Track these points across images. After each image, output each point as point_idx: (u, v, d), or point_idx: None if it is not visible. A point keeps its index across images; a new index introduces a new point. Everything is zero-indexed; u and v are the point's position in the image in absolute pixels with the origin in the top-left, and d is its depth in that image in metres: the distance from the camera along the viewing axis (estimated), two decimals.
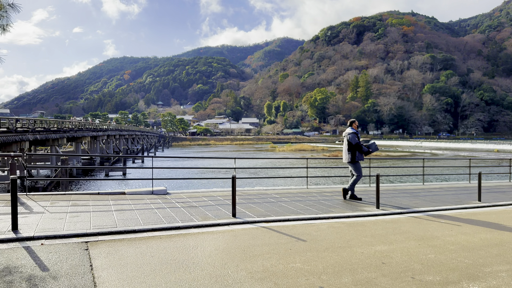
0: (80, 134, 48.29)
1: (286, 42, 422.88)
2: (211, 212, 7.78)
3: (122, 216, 7.13)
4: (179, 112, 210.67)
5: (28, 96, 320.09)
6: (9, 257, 4.85)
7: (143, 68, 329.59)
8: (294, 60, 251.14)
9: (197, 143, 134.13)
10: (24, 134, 32.05)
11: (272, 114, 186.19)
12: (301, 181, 29.45)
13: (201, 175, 37.24)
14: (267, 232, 6.46)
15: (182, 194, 9.97)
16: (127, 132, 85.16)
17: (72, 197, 8.79)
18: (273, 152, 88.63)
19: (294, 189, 11.66)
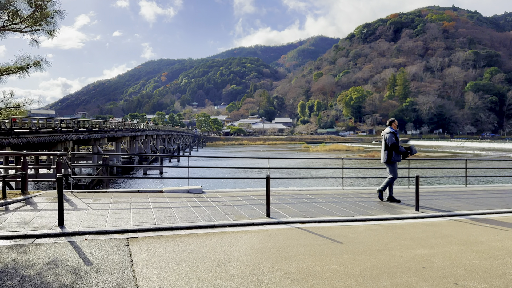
0: (120, 134, 50.14)
1: (320, 41, 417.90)
2: (245, 211, 7.83)
3: (160, 213, 7.33)
4: (213, 112, 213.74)
5: (72, 97, 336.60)
6: (56, 251, 5.12)
7: (179, 70, 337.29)
8: (328, 59, 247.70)
9: (230, 143, 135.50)
10: (68, 134, 33.74)
11: (306, 113, 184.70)
12: (336, 182, 29.00)
13: (235, 175, 37.57)
14: (302, 233, 6.41)
15: (217, 193, 10.11)
16: (163, 132, 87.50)
17: (113, 194, 9.15)
18: (307, 152, 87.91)
19: (329, 190, 11.50)
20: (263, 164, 38.10)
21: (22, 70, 8.61)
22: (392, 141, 9.34)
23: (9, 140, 24.13)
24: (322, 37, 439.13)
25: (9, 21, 7.99)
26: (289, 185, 24.58)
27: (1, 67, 8.33)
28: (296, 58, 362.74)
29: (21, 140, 25.54)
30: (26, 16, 7.92)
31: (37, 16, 7.96)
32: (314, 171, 40.25)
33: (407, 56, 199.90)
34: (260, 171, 39.40)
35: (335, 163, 45.84)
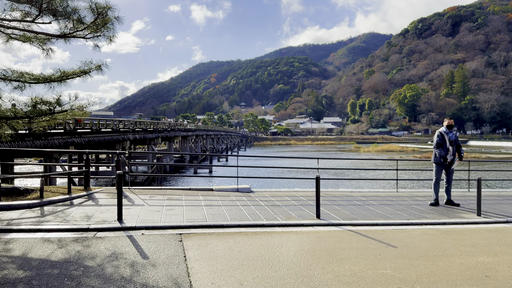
0: (172, 134, 52.11)
1: (372, 37, 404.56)
2: (294, 212, 7.79)
3: (211, 211, 7.50)
4: (261, 112, 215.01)
5: (128, 99, 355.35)
6: (116, 244, 5.42)
7: (228, 71, 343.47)
8: (381, 56, 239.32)
9: (277, 143, 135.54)
10: (125, 134, 35.67)
11: (356, 112, 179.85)
12: (388, 184, 27.95)
13: (283, 175, 37.50)
14: (354, 236, 6.25)
15: (265, 192, 10.15)
16: (213, 132, 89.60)
17: (167, 191, 9.51)
18: (357, 152, 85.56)
19: (382, 192, 11.10)
20: (311, 165, 37.63)
21: (85, 73, 9.23)
22: (437, 141, 8.91)
23: (72, 140, 26.02)
24: (373, 34, 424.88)
25: (74, 28, 8.60)
26: (339, 187, 24.07)
27: (67, 71, 8.99)
28: (346, 56, 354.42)
29: (83, 139, 27.41)
30: (89, 23, 8.47)
31: (98, 23, 8.48)
32: (365, 173, 39.07)
33: (467, 51, 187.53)
34: (309, 171, 38.91)
35: (388, 164, 44.16)
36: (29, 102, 7.95)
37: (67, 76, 9.06)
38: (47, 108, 8.03)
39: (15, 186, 7.75)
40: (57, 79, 9.00)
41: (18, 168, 37.70)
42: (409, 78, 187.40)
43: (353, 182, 28.54)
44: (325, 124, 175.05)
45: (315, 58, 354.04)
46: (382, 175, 34.39)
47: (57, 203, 7.64)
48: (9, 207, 7.06)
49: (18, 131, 8.81)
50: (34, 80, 8.68)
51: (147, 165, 43.21)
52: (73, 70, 9.13)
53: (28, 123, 8.39)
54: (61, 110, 8.39)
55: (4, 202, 7.21)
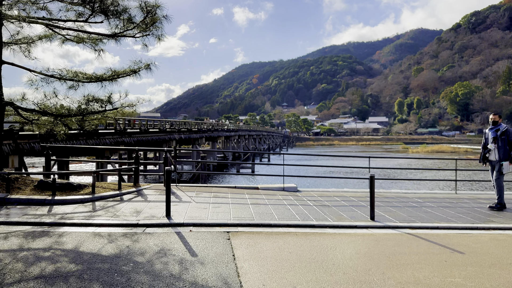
0: (216, 134, 52.86)
1: (420, 34, 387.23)
2: (345, 213, 7.38)
3: (258, 209, 7.29)
4: (303, 112, 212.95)
5: (174, 101, 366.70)
6: (164, 240, 5.35)
7: (270, 72, 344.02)
8: (430, 52, 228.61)
9: (320, 143, 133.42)
10: (172, 134, 36.59)
11: (404, 112, 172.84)
12: (447, 186, 26.28)
13: (330, 175, 36.60)
14: (414, 240, 5.75)
15: (312, 192, 9.78)
16: (255, 132, 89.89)
17: (213, 189, 9.45)
18: (406, 153, 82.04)
19: (439, 193, 10.33)
20: (360, 164, 36.35)
21: (135, 72, 9.39)
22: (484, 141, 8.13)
23: (122, 139, 27.05)
24: (421, 30, 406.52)
25: (124, 27, 8.76)
26: (391, 187, 23.03)
27: (118, 70, 9.19)
28: (393, 53, 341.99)
29: (132, 139, 28.43)
30: (138, 22, 8.58)
31: (147, 22, 8.58)
32: (419, 173, 37.23)
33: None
34: (357, 171, 37.71)
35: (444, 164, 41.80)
36: (82, 100, 8.17)
37: (117, 75, 9.27)
38: (99, 105, 8.23)
39: (69, 181, 8.03)
40: (109, 78, 9.23)
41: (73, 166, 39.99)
42: (461, 75, 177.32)
43: (406, 183, 27.22)
44: (370, 124, 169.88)
45: (360, 56, 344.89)
46: (437, 176, 32.53)
47: (107, 199, 7.80)
48: (64, 201, 7.28)
49: (71, 129, 9.13)
50: (87, 79, 8.95)
51: (192, 164, 44.26)
52: (123, 69, 9.33)
53: (81, 121, 8.66)
54: (112, 108, 8.57)
55: (59, 196, 7.45)
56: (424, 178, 25.25)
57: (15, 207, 6.93)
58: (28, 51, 9.47)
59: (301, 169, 38.17)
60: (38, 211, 6.66)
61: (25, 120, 9.03)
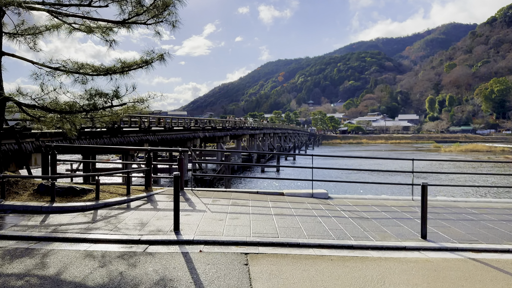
0: (240, 132, 52.03)
1: (453, 28, 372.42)
2: (389, 227, 6.14)
3: (283, 222, 6.17)
4: (329, 110, 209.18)
5: (200, 100, 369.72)
6: (167, 265, 4.33)
7: (296, 69, 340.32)
8: (463, 47, 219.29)
9: (347, 141, 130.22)
10: (196, 132, 36.02)
11: (435, 109, 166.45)
12: (505, 193, 23.76)
13: (364, 179, 34.19)
14: (484, 269, 4.47)
15: (345, 199, 8.56)
16: (280, 130, 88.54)
17: (232, 195, 8.39)
18: (437, 152, 78.53)
19: (496, 202, 8.84)
20: (395, 166, 33.98)
21: (147, 64, 8.45)
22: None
23: (147, 137, 26.58)
24: (454, 24, 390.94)
25: (133, 12, 7.82)
26: (433, 193, 21.02)
27: (128, 61, 8.29)
28: (424, 49, 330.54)
29: (156, 137, 27.95)
30: (148, 6, 7.64)
31: (158, 5, 7.61)
32: (469, 178, 33.63)
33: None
34: (396, 175, 34.46)
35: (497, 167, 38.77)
36: (85, 95, 7.30)
37: (128, 66, 8.36)
38: (103, 101, 7.33)
39: (71, 185, 7.20)
40: (118, 70, 8.33)
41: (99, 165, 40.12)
42: (497, 71, 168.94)
43: (454, 188, 24.55)
44: (400, 121, 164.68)
45: (389, 52, 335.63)
46: (488, 181, 29.67)
47: (112, 206, 6.89)
48: (62, 209, 6.43)
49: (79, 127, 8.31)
50: (95, 72, 8.08)
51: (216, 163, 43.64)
52: (134, 60, 8.43)
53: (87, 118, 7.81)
54: (119, 104, 7.67)
55: (58, 203, 6.60)
56: (475, 185, 22.36)
57: (7, 215, 6.12)
58: (34, 42, 8.71)
59: (331, 172, 36.56)
60: (30, 221, 5.82)
61: (30, 118, 8.30)
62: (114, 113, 8.07)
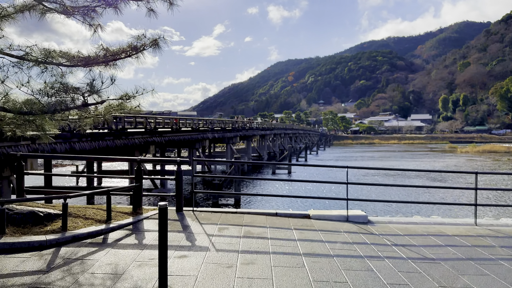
0: (251, 133, 50.24)
1: (465, 27, 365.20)
2: (471, 278, 4.23)
3: (319, 271, 4.32)
4: (340, 110, 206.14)
5: (210, 100, 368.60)
6: None
7: (306, 69, 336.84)
8: (477, 46, 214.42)
9: (359, 142, 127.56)
10: (205, 133, 34.36)
11: (449, 109, 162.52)
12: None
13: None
14: None
15: (390, 225, 6.65)
16: (291, 130, 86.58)
17: (244, 218, 6.55)
18: (454, 153, 75.67)
19: None
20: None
21: (136, 51, 6.70)
22: None
23: (153, 139, 24.96)
24: (467, 23, 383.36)
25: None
26: (500, 215, 17.56)
27: (112, 48, 6.53)
28: (436, 48, 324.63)
29: (163, 138, 26.33)
30: None
31: None
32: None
33: None
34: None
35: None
36: (48, 89, 5.52)
37: (112, 55, 6.61)
38: (71, 98, 5.55)
39: (33, 209, 5.46)
40: (101, 60, 6.58)
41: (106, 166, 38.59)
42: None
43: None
44: (413, 121, 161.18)
45: (400, 51, 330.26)
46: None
47: (83, 240, 5.10)
48: (12, 246, 4.66)
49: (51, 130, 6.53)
50: (68, 62, 6.33)
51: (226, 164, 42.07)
52: (120, 47, 6.66)
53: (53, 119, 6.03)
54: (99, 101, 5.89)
55: (8, 237, 4.84)
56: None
57: None
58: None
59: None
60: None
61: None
62: (93, 114, 6.30)
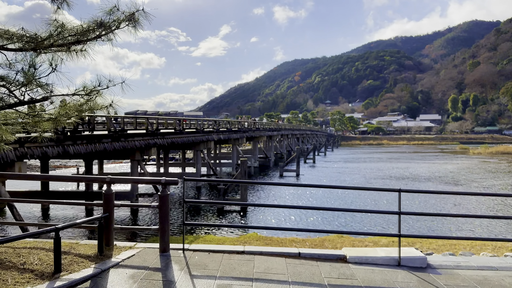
0: (257, 134, 48.39)
1: (474, 26, 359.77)
2: None
3: None
4: (347, 110, 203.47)
5: (216, 100, 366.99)
6: None
7: (312, 69, 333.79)
8: (487, 45, 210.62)
9: (367, 142, 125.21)
10: (210, 134, 32.58)
11: (459, 109, 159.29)
12: None
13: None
14: None
15: (460, 272, 4.72)
16: (298, 131, 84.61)
17: (256, 263, 4.64)
18: (465, 155, 73.04)
19: None
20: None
21: (107, 30, 4.85)
22: None
23: (155, 141, 23.24)
24: (476, 22, 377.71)
25: None
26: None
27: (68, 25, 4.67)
28: (444, 47, 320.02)
29: (165, 140, 24.63)
30: None
31: None
32: None
33: None
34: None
35: None
36: None
37: (72, 35, 4.77)
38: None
39: None
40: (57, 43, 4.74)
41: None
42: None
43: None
44: (422, 122, 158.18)
45: (408, 51, 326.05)
46: None
47: None
48: None
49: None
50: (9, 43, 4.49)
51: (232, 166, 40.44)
52: (83, 24, 4.81)
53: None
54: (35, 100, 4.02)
55: None
56: None
57: None
58: None
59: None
60: None
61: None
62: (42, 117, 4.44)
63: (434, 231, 15.55)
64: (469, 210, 20.59)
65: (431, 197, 23.89)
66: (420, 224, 16.44)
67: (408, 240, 7.27)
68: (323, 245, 13.75)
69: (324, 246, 13.56)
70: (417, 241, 7.49)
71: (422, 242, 7.48)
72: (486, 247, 6.92)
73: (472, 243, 7.33)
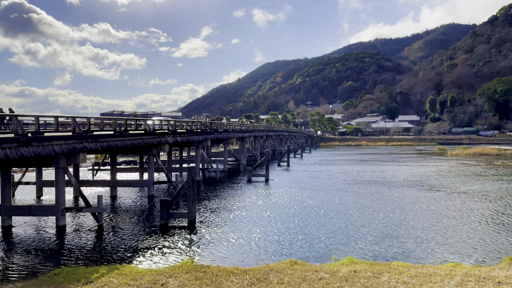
0: (225, 135, 45.86)
1: (452, 29, 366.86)
2: None
3: None
4: (328, 111, 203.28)
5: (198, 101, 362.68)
6: None
7: (294, 70, 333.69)
8: (464, 47, 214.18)
9: (346, 143, 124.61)
10: (163, 136, 29.76)
11: (437, 110, 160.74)
12: None
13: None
14: None
15: None
16: (274, 132, 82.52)
17: None
18: (444, 156, 72.39)
19: None
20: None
21: None
22: None
23: (83, 145, 20.24)
24: (453, 25, 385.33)
25: None
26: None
27: None
28: (423, 49, 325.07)
29: (99, 144, 21.57)
30: None
31: None
32: None
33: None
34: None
35: None
36: None
37: None
38: None
39: None
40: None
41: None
42: (499, 71, 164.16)
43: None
44: (400, 123, 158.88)
45: (388, 53, 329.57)
46: None
47: None
48: None
49: None
50: None
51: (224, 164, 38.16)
52: None
53: None
54: None
55: None
56: None
57: None
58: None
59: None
60: None
61: None
62: None
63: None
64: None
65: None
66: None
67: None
68: (267, 279, 11.31)
69: (268, 281, 11.11)
70: None
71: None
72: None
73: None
